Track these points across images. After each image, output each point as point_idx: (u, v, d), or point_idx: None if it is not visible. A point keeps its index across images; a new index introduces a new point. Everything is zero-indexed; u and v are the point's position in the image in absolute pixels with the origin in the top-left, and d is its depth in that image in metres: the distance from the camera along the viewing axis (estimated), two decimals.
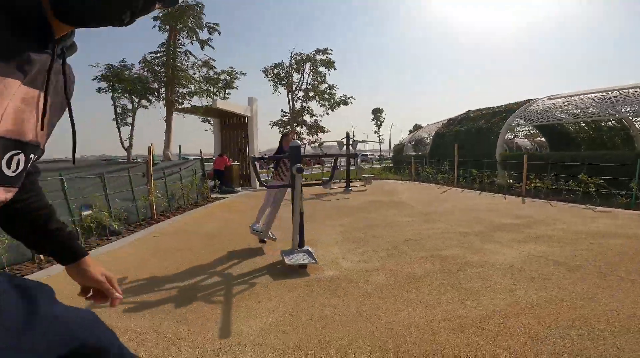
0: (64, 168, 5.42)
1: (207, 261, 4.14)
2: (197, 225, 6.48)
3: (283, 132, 25.20)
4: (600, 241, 4.50)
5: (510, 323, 2.40)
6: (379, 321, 2.51)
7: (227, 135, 15.17)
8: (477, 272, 3.46)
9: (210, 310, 2.78)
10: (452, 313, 2.60)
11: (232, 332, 2.41)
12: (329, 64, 25.48)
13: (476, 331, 2.32)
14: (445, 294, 2.95)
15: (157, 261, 4.18)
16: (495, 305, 2.69)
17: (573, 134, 15.27)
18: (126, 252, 4.69)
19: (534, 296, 2.83)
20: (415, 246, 4.48)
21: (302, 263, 3.73)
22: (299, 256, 3.84)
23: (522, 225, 5.57)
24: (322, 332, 2.38)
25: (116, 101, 18.69)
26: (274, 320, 2.59)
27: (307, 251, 3.96)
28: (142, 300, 3.03)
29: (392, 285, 3.21)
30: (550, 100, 13.04)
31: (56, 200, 5.07)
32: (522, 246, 4.36)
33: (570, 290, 2.95)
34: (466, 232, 5.20)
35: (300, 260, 3.76)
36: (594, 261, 3.68)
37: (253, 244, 4.85)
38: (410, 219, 6.30)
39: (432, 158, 15.79)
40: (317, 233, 5.45)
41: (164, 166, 8.58)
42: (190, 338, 2.33)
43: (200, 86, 12.47)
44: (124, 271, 3.82)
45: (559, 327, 2.33)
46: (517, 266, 3.58)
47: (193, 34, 11.95)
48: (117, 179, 6.66)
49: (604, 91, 11.63)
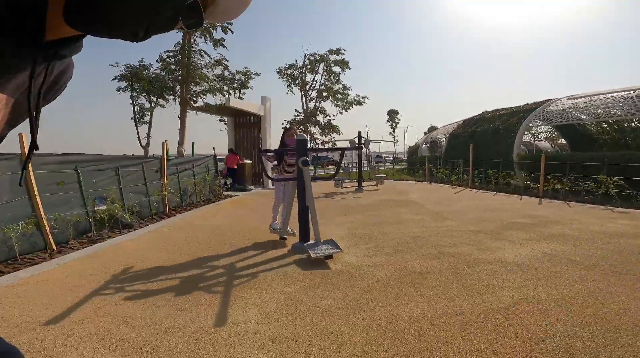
0: (80, 161, 5.56)
1: (212, 254, 4.15)
2: (206, 220, 6.53)
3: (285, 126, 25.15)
4: (617, 240, 4.30)
5: (516, 321, 2.30)
6: (378, 315, 2.45)
7: (240, 134, 15.30)
8: (485, 269, 3.35)
9: (209, 300, 2.77)
10: (455, 308, 2.51)
11: (227, 320, 2.39)
12: (343, 64, 25.39)
13: (479, 327, 2.23)
14: (450, 290, 2.86)
15: (164, 253, 4.22)
16: (501, 302, 2.59)
17: (595, 135, 14.74)
18: (135, 243, 4.76)
19: (543, 294, 2.71)
20: (423, 243, 4.38)
21: (327, 253, 3.72)
22: (324, 247, 3.83)
23: (536, 224, 5.38)
24: (318, 324, 2.33)
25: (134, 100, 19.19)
26: (271, 310, 2.56)
27: (331, 242, 3.93)
28: (143, 288, 3.06)
29: (395, 280, 3.14)
30: (570, 100, 12.62)
31: (71, 192, 5.20)
32: (534, 244, 4.21)
33: (583, 288, 2.82)
34: (476, 230, 5.06)
35: (326, 250, 3.75)
36: (609, 260, 3.51)
37: (259, 238, 4.85)
38: (420, 218, 6.18)
39: (447, 159, 15.52)
40: (324, 228, 5.39)
41: (177, 163, 8.69)
42: (184, 326, 2.33)
43: (214, 84, 12.60)
44: (130, 262, 3.87)
45: (567, 325, 2.22)
46: (528, 264, 3.45)
47: (207, 34, 12.08)
48: (131, 174, 6.78)
49: (627, 90, 11.18)
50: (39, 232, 4.52)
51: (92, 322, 2.44)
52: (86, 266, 3.74)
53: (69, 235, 4.90)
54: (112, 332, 2.28)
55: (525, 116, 12.64)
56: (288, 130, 4.98)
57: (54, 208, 4.82)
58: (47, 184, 4.87)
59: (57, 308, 2.69)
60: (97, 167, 5.96)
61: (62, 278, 3.40)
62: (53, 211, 4.75)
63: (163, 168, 7.77)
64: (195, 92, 12.35)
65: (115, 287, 3.10)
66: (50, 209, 4.73)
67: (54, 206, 4.83)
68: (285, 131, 5.03)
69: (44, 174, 4.83)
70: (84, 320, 2.46)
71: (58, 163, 5.19)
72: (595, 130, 14.80)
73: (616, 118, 11.82)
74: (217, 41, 12.45)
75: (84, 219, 5.26)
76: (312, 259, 3.66)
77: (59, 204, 4.96)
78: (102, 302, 2.78)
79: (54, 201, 4.90)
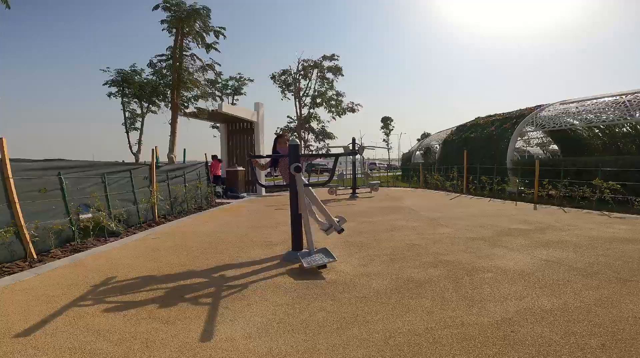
0: (64, 167, 5.35)
1: (201, 263, 3.97)
2: (196, 228, 6.34)
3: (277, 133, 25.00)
4: (618, 246, 4.21)
5: (522, 332, 2.16)
6: (375, 328, 2.30)
7: (233, 140, 15.14)
8: (485, 278, 3.22)
9: (195, 312, 2.59)
10: (456, 320, 2.37)
11: (214, 335, 2.22)
12: (337, 71, 25.46)
13: (483, 340, 2.09)
14: (450, 300, 2.72)
15: (150, 262, 4.02)
16: (505, 312, 2.45)
17: (586, 140, 14.83)
18: (120, 252, 4.55)
19: (547, 303, 2.58)
20: (419, 251, 4.25)
21: (321, 263, 3.56)
22: (317, 256, 3.66)
23: (533, 231, 5.28)
24: (312, 339, 2.17)
25: (125, 106, 18.91)
26: (261, 323, 2.39)
27: (324, 250, 3.78)
28: (125, 300, 2.87)
29: (392, 290, 2.99)
30: (562, 105, 12.68)
31: (54, 199, 4.99)
32: (533, 251, 4.10)
33: (588, 296, 2.70)
34: (474, 237, 4.94)
35: (320, 260, 3.59)
36: (612, 267, 3.40)
37: (250, 246, 4.68)
38: (416, 225, 6.06)
39: (441, 166, 15.48)
40: (317, 236, 5.24)
41: (168, 169, 8.49)
42: (167, 340, 2.15)
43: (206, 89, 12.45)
44: (113, 272, 3.67)
45: (576, 336, 2.09)
46: (529, 272, 3.33)
47: (199, 38, 11.95)
48: (119, 181, 6.57)
49: (618, 94, 11.25)
50: (19, 240, 4.30)
51: (66, 334, 2.25)
52: (66, 276, 3.54)
53: (50, 244, 4.68)
54: (86, 345, 2.10)
55: (518, 122, 12.67)
56: (281, 137, 4.80)
57: (36, 215, 4.60)
58: (29, 191, 4.66)
59: (29, 319, 2.49)
60: (82, 173, 5.76)
61: (38, 288, 3.19)
62: (35, 219, 4.54)
63: (152, 174, 7.57)
64: (187, 97, 12.17)
65: (95, 298, 2.91)
66: (32, 217, 4.52)
67: (35, 214, 4.61)
68: (277, 138, 4.85)
69: (24, 181, 4.61)
70: (57, 333, 2.27)
71: (40, 169, 4.98)
72: (586, 135, 14.89)
73: (607, 123, 11.88)
74: (209, 45, 12.30)
75: (67, 227, 5.04)
76: (305, 269, 3.50)
77: (41, 211, 4.74)
78: (78, 314, 2.59)
79: (36, 209, 4.68)
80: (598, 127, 13.84)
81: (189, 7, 11.65)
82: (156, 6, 11.76)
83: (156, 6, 11.76)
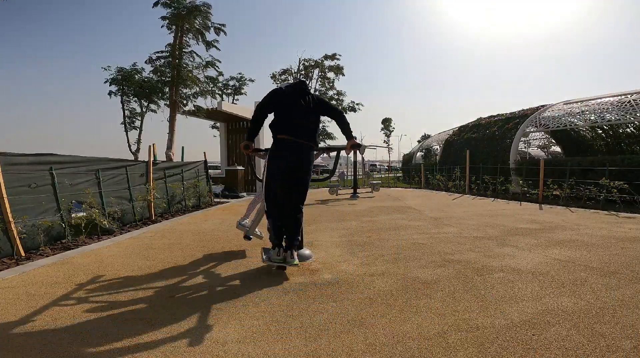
0: (56, 162, 5.15)
1: (195, 262, 3.77)
2: (193, 226, 6.14)
3: None
4: (632, 245, 4.02)
5: (545, 335, 1.96)
6: (381, 331, 2.10)
7: (233, 139, 14.96)
8: (496, 277, 3.02)
9: (186, 314, 2.39)
10: (470, 323, 2.17)
11: (204, 339, 2.02)
12: (338, 70, 25.28)
13: (502, 344, 1.89)
14: (461, 301, 2.52)
15: (142, 260, 3.82)
16: (523, 314, 2.26)
17: (589, 141, 14.65)
18: (112, 250, 4.35)
19: (568, 304, 2.38)
20: (425, 250, 4.05)
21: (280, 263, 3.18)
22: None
23: (542, 230, 5.09)
24: (312, 343, 1.97)
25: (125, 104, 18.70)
26: (257, 327, 2.19)
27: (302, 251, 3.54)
28: (111, 300, 2.66)
29: (398, 290, 2.79)
30: (566, 105, 12.50)
31: (44, 195, 4.79)
32: (545, 250, 3.90)
33: (610, 296, 2.50)
34: (480, 236, 4.74)
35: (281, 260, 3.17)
36: (630, 266, 3.21)
37: (247, 244, 4.48)
38: (420, 224, 5.86)
39: (443, 166, 15.29)
40: (318, 235, 5.06)
41: (165, 167, 8.29)
42: (154, 344, 1.95)
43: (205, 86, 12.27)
44: (102, 270, 3.47)
45: (605, 338, 1.89)
46: (543, 272, 3.13)
47: (199, 35, 11.79)
48: (114, 177, 6.38)
49: (623, 94, 11.07)
50: (6, 237, 4.10)
51: (41, 336, 2.05)
52: (51, 274, 3.34)
53: (39, 241, 4.48)
54: (63, 348, 1.90)
55: (520, 122, 12.49)
56: None
57: (25, 212, 4.41)
58: (18, 186, 4.47)
59: (4, 318, 2.30)
60: (75, 169, 5.56)
61: (20, 286, 2.99)
62: (23, 215, 4.34)
63: (149, 171, 7.38)
64: (185, 94, 11.99)
65: (79, 297, 2.71)
66: (21, 213, 4.33)
67: (24, 210, 4.42)
68: None
69: (13, 176, 4.42)
70: (32, 334, 2.07)
71: (30, 163, 4.78)
72: (590, 136, 14.71)
73: (611, 123, 11.69)
74: (209, 43, 12.13)
75: (57, 224, 4.84)
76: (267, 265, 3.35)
77: (30, 208, 4.54)
78: (58, 314, 2.38)
79: (25, 205, 4.49)
80: (601, 128, 13.67)
81: (189, 3, 11.50)
82: (156, 3, 11.61)
83: (156, 3, 11.61)
